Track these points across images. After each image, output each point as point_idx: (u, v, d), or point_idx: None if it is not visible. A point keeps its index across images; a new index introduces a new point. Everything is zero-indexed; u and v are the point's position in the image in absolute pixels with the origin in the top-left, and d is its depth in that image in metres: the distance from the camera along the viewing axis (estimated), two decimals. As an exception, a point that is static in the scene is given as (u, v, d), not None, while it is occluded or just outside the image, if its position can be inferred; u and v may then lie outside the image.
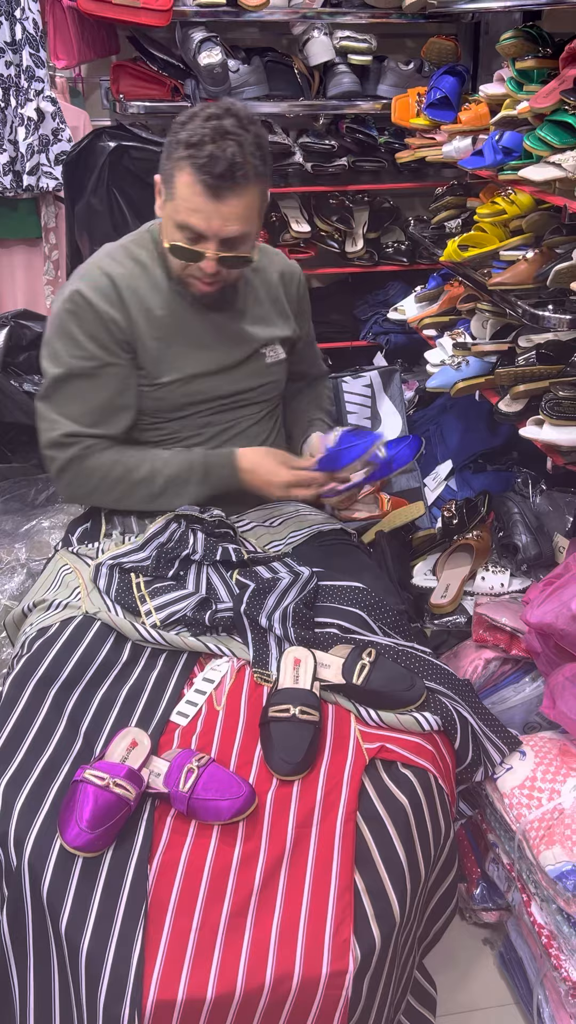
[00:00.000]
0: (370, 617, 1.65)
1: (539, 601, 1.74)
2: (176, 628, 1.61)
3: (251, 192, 1.62)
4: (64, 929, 1.20)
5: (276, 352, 1.92)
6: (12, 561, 2.36)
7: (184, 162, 1.59)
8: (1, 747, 1.41)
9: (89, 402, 1.74)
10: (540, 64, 2.00)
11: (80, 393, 1.74)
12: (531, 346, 2.12)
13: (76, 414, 1.74)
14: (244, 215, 1.63)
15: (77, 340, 1.72)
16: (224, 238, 1.64)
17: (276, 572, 1.71)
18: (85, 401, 1.74)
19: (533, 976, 1.61)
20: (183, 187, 1.61)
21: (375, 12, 2.85)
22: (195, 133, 1.59)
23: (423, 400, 2.99)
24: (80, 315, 1.72)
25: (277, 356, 1.92)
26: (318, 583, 1.69)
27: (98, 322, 1.71)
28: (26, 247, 3.03)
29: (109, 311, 1.71)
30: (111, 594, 1.64)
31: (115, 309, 1.71)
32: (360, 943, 1.21)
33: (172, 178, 1.63)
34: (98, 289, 1.72)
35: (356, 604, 1.66)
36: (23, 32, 2.69)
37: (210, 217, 1.61)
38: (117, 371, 1.74)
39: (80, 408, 1.74)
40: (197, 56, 2.71)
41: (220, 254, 1.65)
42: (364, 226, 3.21)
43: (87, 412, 1.74)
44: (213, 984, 1.15)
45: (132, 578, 1.68)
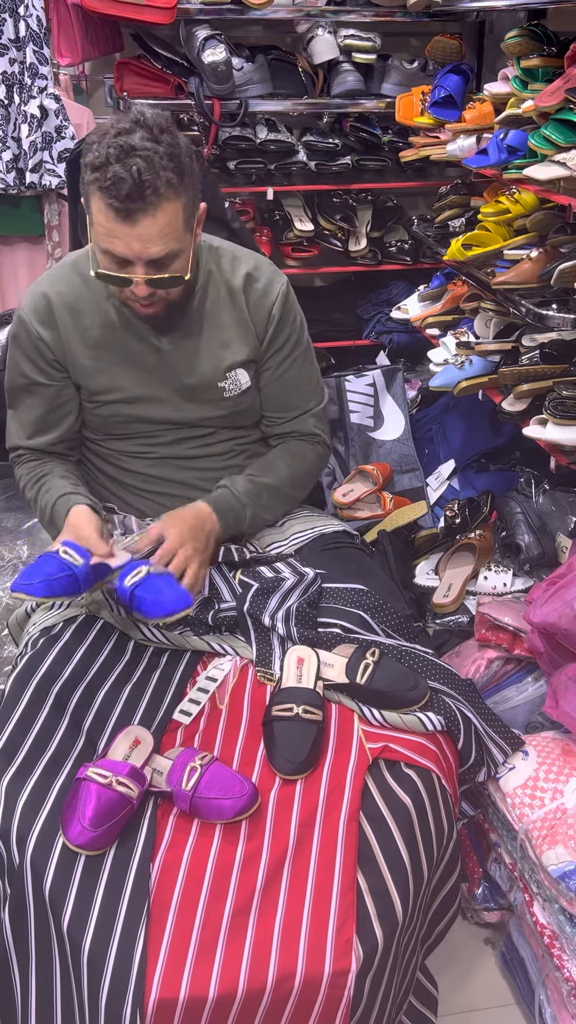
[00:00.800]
0: (373, 619, 1.65)
1: (542, 601, 1.74)
2: (179, 627, 1.61)
3: (168, 209, 1.48)
4: (66, 927, 1.20)
5: (237, 383, 1.75)
6: (14, 559, 2.36)
7: (92, 186, 1.47)
8: (4, 745, 1.41)
9: (29, 414, 1.79)
10: (545, 63, 2.00)
11: (22, 405, 1.80)
12: (535, 345, 2.12)
13: (23, 421, 1.81)
14: (164, 234, 1.49)
15: (15, 358, 1.77)
16: (149, 260, 1.51)
17: (279, 572, 1.70)
18: (27, 412, 1.80)
19: (535, 976, 1.61)
20: (97, 213, 1.49)
21: (379, 10, 2.85)
22: (100, 154, 1.46)
23: (426, 399, 2.99)
24: (18, 335, 1.75)
25: (239, 387, 1.75)
26: (321, 585, 1.69)
27: (31, 343, 1.73)
28: (29, 244, 3.03)
29: (41, 332, 1.71)
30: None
31: (47, 329, 1.71)
32: (363, 943, 1.21)
33: (88, 203, 1.51)
34: (35, 311, 1.71)
35: (359, 606, 1.66)
36: (27, 29, 2.69)
37: (128, 241, 1.48)
38: (48, 390, 1.76)
39: (25, 417, 1.80)
40: (201, 54, 2.71)
41: (148, 276, 1.52)
42: (367, 225, 3.21)
43: (29, 422, 1.80)
44: (215, 983, 1.15)
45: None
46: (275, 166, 2.99)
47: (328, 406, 2.68)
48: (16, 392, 1.80)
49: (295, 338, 1.80)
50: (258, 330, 1.76)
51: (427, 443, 2.86)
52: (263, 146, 2.95)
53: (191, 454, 1.80)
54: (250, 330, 1.75)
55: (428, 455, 2.83)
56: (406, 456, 2.79)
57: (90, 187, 1.49)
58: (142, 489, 1.82)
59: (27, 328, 1.72)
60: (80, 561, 1.49)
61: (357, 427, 2.81)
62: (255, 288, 1.74)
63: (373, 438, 2.81)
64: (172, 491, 1.80)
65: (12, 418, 1.83)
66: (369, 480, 2.58)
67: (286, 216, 3.17)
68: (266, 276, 1.77)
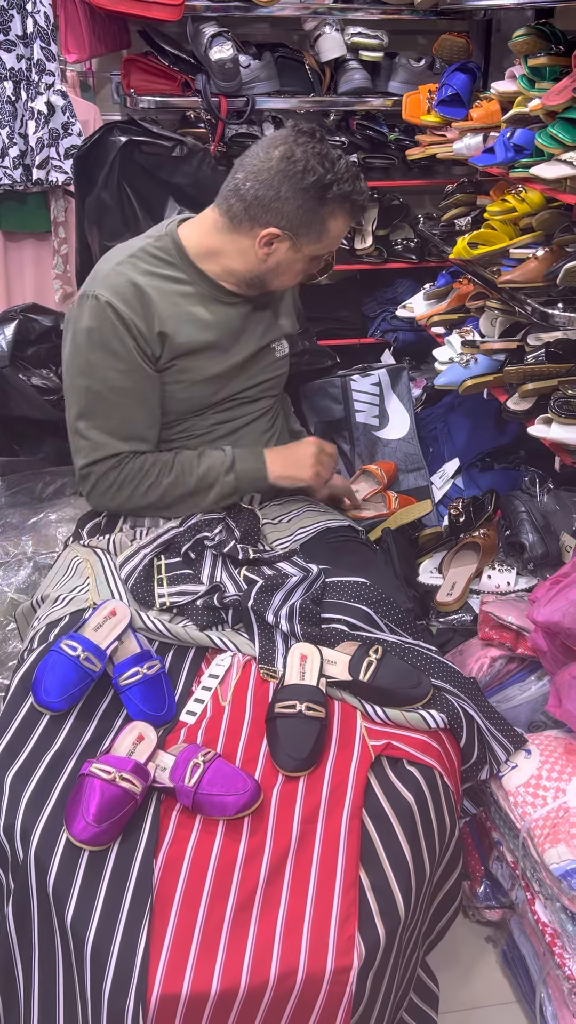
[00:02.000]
0: (376, 613, 1.65)
1: (546, 600, 1.74)
2: (182, 621, 1.62)
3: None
4: (70, 922, 1.21)
5: (283, 346, 1.94)
6: (19, 554, 2.37)
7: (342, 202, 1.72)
8: (8, 741, 1.42)
9: (128, 416, 1.74)
10: (552, 61, 1.99)
11: (119, 407, 1.73)
12: (540, 344, 2.12)
13: (113, 428, 1.74)
14: None
15: (114, 353, 1.70)
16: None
17: (283, 571, 1.71)
18: (124, 415, 1.74)
19: (536, 974, 1.61)
20: (338, 225, 1.76)
21: (387, 8, 2.85)
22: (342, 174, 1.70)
23: (431, 398, 2.98)
24: (116, 327, 1.69)
25: (284, 351, 1.94)
26: (325, 580, 1.70)
27: (130, 335, 1.70)
28: (35, 241, 3.03)
29: (138, 323, 1.70)
30: (129, 583, 1.65)
31: (142, 320, 1.71)
32: (365, 940, 1.22)
33: (324, 223, 1.73)
34: (127, 301, 1.70)
35: (362, 600, 1.66)
36: (34, 26, 2.69)
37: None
38: (151, 384, 1.75)
39: (119, 422, 1.74)
40: (208, 51, 2.71)
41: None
42: (373, 223, 3.21)
43: (126, 426, 1.74)
44: (218, 978, 1.16)
45: (154, 561, 1.70)
46: (281, 164, 2.99)
47: (332, 405, 2.70)
48: (109, 394, 1.72)
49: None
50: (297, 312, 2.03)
51: (432, 442, 2.86)
52: (270, 143, 2.95)
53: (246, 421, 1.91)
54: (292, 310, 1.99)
55: (433, 454, 2.82)
56: (411, 455, 2.78)
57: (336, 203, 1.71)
58: None
59: (122, 320, 1.68)
60: (98, 665, 1.48)
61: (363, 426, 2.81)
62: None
63: (378, 437, 2.81)
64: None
65: (95, 428, 1.74)
66: (373, 480, 2.58)
67: (292, 214, 3.16)
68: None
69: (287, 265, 1.77)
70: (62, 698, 1.44)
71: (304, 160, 1.67)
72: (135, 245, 1.80)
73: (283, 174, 1.67)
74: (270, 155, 1.69)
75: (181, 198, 2.48)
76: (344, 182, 1.69)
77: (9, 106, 2.74)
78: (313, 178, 1.67)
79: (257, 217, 1.70)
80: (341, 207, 1.72)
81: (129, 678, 1.48)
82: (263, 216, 1.69)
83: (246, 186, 1.69)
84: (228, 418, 1.88)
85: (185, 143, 2.49)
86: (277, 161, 1.67)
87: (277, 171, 1.67)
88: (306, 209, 1.69)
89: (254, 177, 1.69)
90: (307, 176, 1.67)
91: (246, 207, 1.70)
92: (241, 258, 1.75)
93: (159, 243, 1.79)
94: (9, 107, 2.74)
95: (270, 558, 1.75)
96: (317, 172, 1.67)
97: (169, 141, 2.49)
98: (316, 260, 1.82)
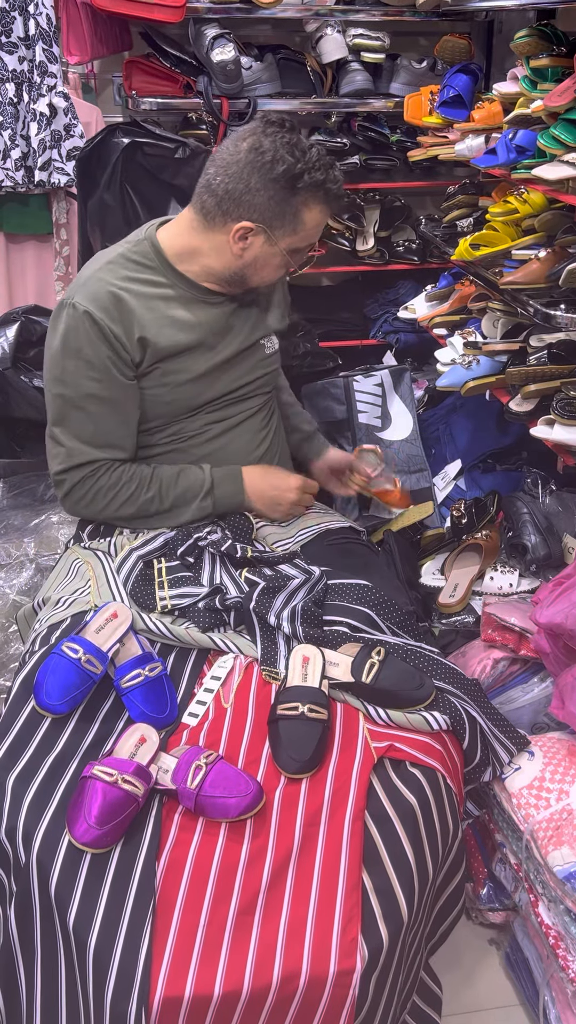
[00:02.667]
0: (378, 615, 1.65)
1: (548, 601, 1.74)
2: (184, 623, 1.61)
3: None
4: (72, 925, 1.20)
5: (272, 342, 1.91)
6: (21, 556, 2.37)
7: (314, 191, 1.67)
8: (10, 743, 1.41)
9: (103, 424, 1.72)
10: (554, 62, 1.99)
11: (93, 415, 1.71)
12: (542, 345, 2.11)
13: (89, 436, 1.72)
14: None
15: (88, 361, 1.69)
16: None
17: (284, 573, 1.71)
18: (99, 423, 1.72)
19: (539, 977, 1.61)
20: (316, 216, 1.71)
21: (388, 10, 2.85)
22: (307, 159, 1.66)
23: (433, 399, 2.98)
24: (91, 335, 1.68)
25: (274, 347, 1.92)
26: (327, 582, 1.69)
27: (106, 342, 1.68)
28: (37, 242, 3.03)
29: (115, 329, 1.68)
30: (128, 585, 1.65)
31: (120, 326, 1.68)
32: (368, 942, 1.21)
33: (297, 215, 1.69)
34: (104, 308, 1.68)
35: (364, 602, 1.66)
36: (36, 28, 2.69)
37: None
38: (127, 393, 1.72)
39: (93, 430, 1.72)
40: (210, 53, 2.71)
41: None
42: (375, 224, 3.21)
43: (100, 434, 1.72)
44: (220, 981, 1.16)
45: (154, 564, 1.70)
46: (283, 165, 2.99)
47: (334, 406, 2.68)
48: (81, 402, 1.70)
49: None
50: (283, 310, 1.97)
51: (434, 443, 2.86)
52: (271, 145, 2.96)
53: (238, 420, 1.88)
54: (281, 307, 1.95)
55: (435, 455, 2.82)
56: (414, 456, 2.78)
57: (311, 192, 1.67)
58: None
59: (100, 327, 1.67)
60: (100, 668, 1.48)
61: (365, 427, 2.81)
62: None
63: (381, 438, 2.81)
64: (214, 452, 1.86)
65: (68, 435, 1.73)
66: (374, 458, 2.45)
67: (294, 215, 3.17)
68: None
69: (264, 260, 1.73)
70: (64, 701, 1.44)
71: (273, 150, 1.64)
72: (114, 251, 1.79)
73: (251, 165, 1.64)
74: (239, 148, 1.67)
75: (183, 200, 2.47)
76: (316, 170, 1.65)
77: (11, 108, 2.74)
78: (282, 168, 1.63)
79: (230, 212, 1.68)
80: (314, 196, 1.67)
81: (131, 680, 1.48)
82: (235, 210, 1.67)
83: (216, 180, 1.67)
84: (219, 418, 1.85)
85: (187, 145, 2.49)
86: (245, 153, 1.65)
87: (246, 163, 1.65)
88: (278, 200, 1.66)
89: (224, 171, 1.67)
90: (276, 166, 1.63)
91: (218, 202, 1.68)
92: (218, 255, 1.73)
93: (137, 248, 1.77)
94: (11, 109, 2.74)
95: (270, 559, 1.74)
96: (286, 161, 1.63)
97: (171, 143, 2.49)
98: (297, 254, 1.77)
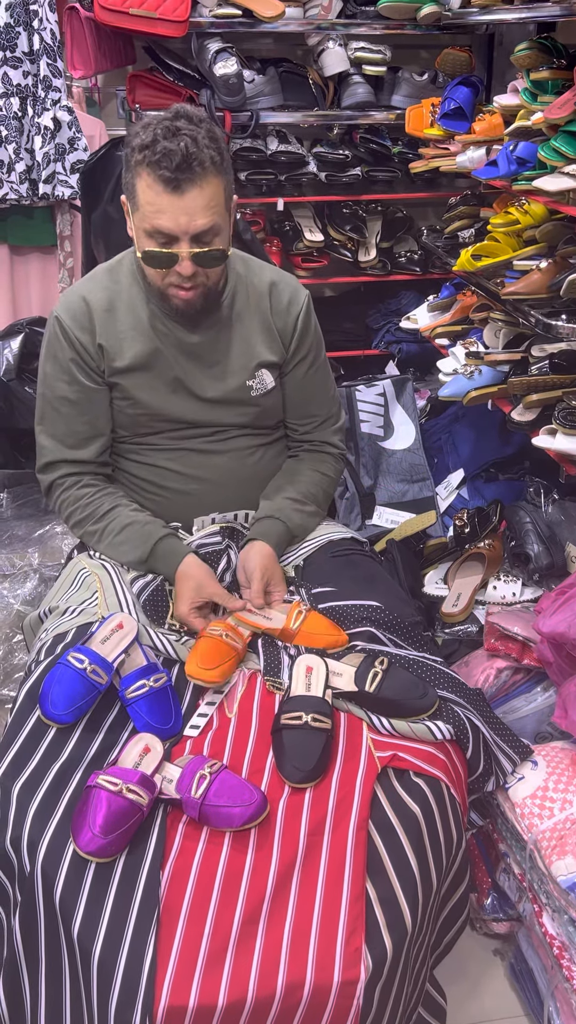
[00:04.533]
0: (383, 633, 1.65)
1: (551, 611, 1.74)
2: (186, 639, 1.62)
3: (212, 183, 1.57)
4: (76, 934, 1.20)
5: (263, 383, 1.79)
6: (25, 566, 2.37)
7: (140, 166, 1.56)
8: (16, 753, 1.42)
9: (72, 424, 1.77)
10: (554, 75, 2.01)
11: (65, 416, 1.76)
12: (544, 356, 2.12)
13: (61, 435, 1.78)
14: (210, 206, 1.58)
15: (60, 365, 1.74)
16: (194, 234, 1.58)
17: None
18: (69, 424, 1.77)
19: (544, 988, 1.60)
20: (144, 191, 1.57)
21: (390, 23, 2.87)
22: (147, 136, 1.56)
23: (435, 409, 2.99)
24: (54, 344, 1.74)
25: (265, 387, 1.79)
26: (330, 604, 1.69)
27: (74, 349, 1.72)
28: (41, 255, 3.05)
29: (82, 337, 1.71)
30: (142, 597, 1.66)
31: (88, 334, 1.71)
32: (372, 952, 1.21)
33: (133, 188, 1.60)
34: (73, 316, 1.72)
35: (369, 623, 1.66)
36: (41, 42, 2.72)
37: (176, 214, 1.56)
38: (93, 397, 1.75)
39: (64, 430, 1.77)
40: (212, 66, 2.73)
41: (194, 250, 1.59)
42: (377, 235, 3.23)
43: (70, 434, 1.77)
44: (225, 991, 1.15)
45: (166, 585, 1.71)
46: (285, 177, 3.01)
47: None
48: (54, 403, 1.76)
49: (316, 348, 1.87)
50: (284, 339, 1.81)
51: (436, 453, 2.86)
52: (274, 157, 2.97)
53: (211, 448, 1.81)
54: (275, 337, 1.80)
55: (437, 464, 2.83)
56: (417, 466, 2.79)
57: (138, 168, 1.57)
58: (156, 485, 1.82)
59: (65, 334, 1.72)
60: (105, 678, 1.49)
61: (367, 436, 2.82)
62: (280, 298, 1.81)
63: (383, 448, 2.82)
64: (184, 487, 1.81)
65: (45, 433, 1.79)
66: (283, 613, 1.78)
67: (296, 227, 3.18)
68: (291, 287, 1.84)
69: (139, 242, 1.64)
70: (69, 711, 1.44)
71: (143, 126, 1.59)
72: (112, 261, 1.81)
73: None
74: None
75: (186, 212, 2.49)
76: (154, 143, 1.54)
77: (16, 122, 2.76)
78: (133, 142, 1.60)
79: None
80: (143, 167, 1.56)
81: (136, 691, 1.48)
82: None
83: None
84: (197, 446, 1.80)
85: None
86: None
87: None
88: (127, 176, 1.61)
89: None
90: (131, 142, 1.60)
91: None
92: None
93: (126, 258, 1.78)
94: (16, 123, 2.76)
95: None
96: (138, 137, 1.57)
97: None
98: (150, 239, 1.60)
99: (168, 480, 1.81)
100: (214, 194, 1.58)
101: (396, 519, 2.66)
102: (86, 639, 1.54)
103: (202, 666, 1.52)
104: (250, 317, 1.78)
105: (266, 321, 1.79)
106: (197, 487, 1.80)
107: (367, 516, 2.67)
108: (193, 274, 1.62)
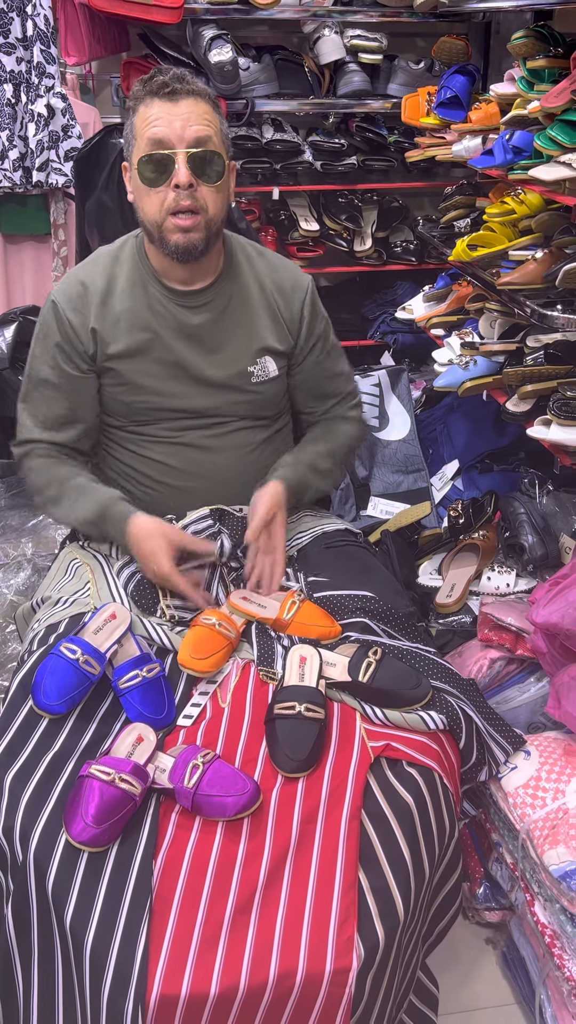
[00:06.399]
0: (376, 624, 1.65)
1: (545, 601, 1.74)
2: (180, 628, 1.62)
3: (205, 103, 1.61)
4: (69, 923, 1.21)
5: (266, 369, 1.77)
6: (19, 556, 2.37)
7: (139, 101, 1.60)
8: (8, 742, 1.42)
9: (52, 408, 1.76)
10: (551, 64, 2.00)
11: (47, 398, 1.76)
12: (539, 346, 2.12)
13: (41, 416, 1.77)
14: (204, 118, 1.59)
15: (46, 348, 1.73)
16: (190, 143, 1.57)
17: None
18: (49, 406, 1.76)
19: (535, 976, 1.61)
20: (142, 114, 1.60)
21: (386, 11, 2.85)
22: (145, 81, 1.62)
23: (430, 399, 2.99)
24: (47, 324, 1.73)
25: (267, 374, 1.77)
26: (324, 594, 1.68)
27: (62, 332, 1.71)
28: (35, 243, 3.04)
29: (74, 320, 1.70)
30: (129, 587, 1.65)
31: (80, 317, 1.70)
32: (364, 941, 1.21)
33: (132, 126, 1.61)
34: (68, 298, 1.71)
35: (363, 613, 1.66)
36: (34, 28, 2.70)
37: (171, 120, 1.57)
38: (76, 384, 1.73)
39: (44, 411, 1.76)
40: (208, 54, 2.72)
41: (190, 151, 1.56)
42: (373, 225, 3.22)
43: (50, 417, 1.76)
44: (217, 980, 1.16)
45: None
46: (281, 166, 3.00)
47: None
48: (37, 384, 1.76)
49: (325, 333, 1.87)
50: (290, 328, 1.80)
51: (431, 443, 2.86)
52: (269, 146, 2.96)
53: (209, 444, 1.78)
54: (281, 325, 1.79)
55: (432, 455, 2.83)
56: (412, 456, 2.79)
57: (136, 104, 1.61)
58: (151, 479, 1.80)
59: (58, 315, 1.71)
60: (97, 668, 1.48)
61: (362, 427, 2.81)
62: (283, 285, 1.80)
63: (378, 439, 2.81)
64: (181, 483, 1.78)
65: (26, 412, 1.79)
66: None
67: (292, 216, 3.17)
68: (292, 274, 1.83)
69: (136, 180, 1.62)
70: (61, 701, 1.44)
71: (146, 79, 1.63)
72: (115, 244, 1.79)
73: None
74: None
75: (181, 200, 2.47)
76: (152, 78, 1.60)
77: (9, 109, 2.74)
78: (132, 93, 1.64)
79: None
80: (141, 97, 1.60)
81: (128, 681, 1.48)
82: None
83: None
84: (196, 434, 1.78)
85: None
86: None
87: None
88: (127, 130, 1.64)
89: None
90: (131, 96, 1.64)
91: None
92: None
93: (128, 241, 1.77)
94: (9, 110, 2.74)
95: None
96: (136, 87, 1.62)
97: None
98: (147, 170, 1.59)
99: (164, 475, 1.79)
100: (208, 112, 1.61)
101: (391, 510, 2.65)
102: (79, 629, 1.54)
103: (195, 655, 1.52)
104: (254, 302, 1.76)
105: (271, 307, 1.78)
106: (193, 484, 1.78)
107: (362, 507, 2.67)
108: (191, 188, 1.57)
